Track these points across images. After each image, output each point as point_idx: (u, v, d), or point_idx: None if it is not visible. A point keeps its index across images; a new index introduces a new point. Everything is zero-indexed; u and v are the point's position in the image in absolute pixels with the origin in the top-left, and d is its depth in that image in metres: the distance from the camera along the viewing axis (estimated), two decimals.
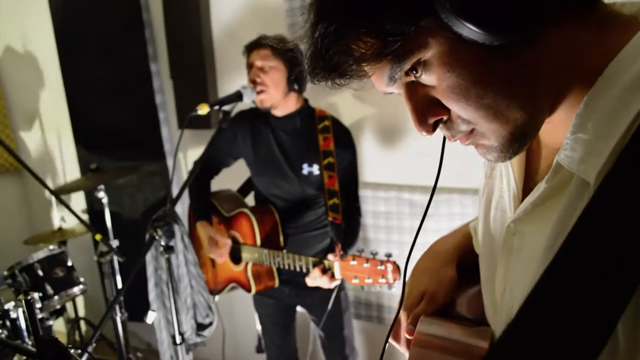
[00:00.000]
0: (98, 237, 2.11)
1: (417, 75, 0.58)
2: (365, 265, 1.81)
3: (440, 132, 0.64)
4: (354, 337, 2.41)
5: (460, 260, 0.92)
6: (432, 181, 0.77)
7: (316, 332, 2.36)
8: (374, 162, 2.56)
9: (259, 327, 2.47)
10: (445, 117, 0.60)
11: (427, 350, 0.76)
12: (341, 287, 2.24)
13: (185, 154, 3.18)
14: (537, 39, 0.54)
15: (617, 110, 0.50)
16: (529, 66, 0.55)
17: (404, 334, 0.86)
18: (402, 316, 0.89)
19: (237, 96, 1.90)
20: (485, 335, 0.75)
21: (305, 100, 2.18)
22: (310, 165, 2.09)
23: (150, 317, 1.83)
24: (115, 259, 2.48)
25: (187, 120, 1.75)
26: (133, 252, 2.20)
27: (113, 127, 3.32)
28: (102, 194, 2.73)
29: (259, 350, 2.50)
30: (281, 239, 2.18)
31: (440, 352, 0.75)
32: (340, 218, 2.07)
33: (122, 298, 2.65)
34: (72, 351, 0.95)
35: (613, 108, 0.51)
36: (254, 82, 2.02)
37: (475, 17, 0.51)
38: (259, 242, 2.14)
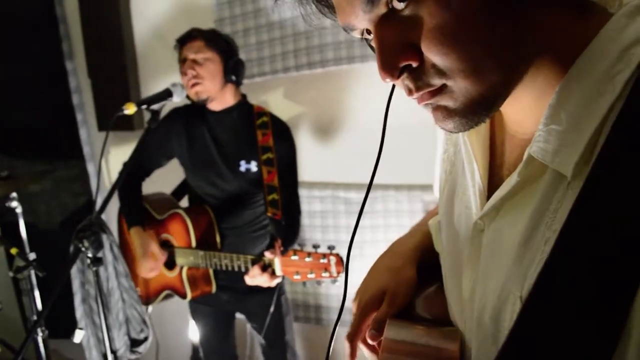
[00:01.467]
0: (13, 251, 1.93)
1: (403, 2, 0.51)
2: (307, 259, 1.76)
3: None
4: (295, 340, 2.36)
5: (419, 260, 0.89)
6: (367, 179, 0.71)
7: (256, 339, 2.29)
8: (308, 160, 2.52)
9: (192, 336, 2.36)
10: (415, 64, 0.53)
11: (397, 356, 0.74)
12: (281, 292, 2.18)
13: (106, 157, 3.01)
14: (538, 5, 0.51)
15: (591, 101, 0.49)
16: (523, 31, 0.52)
17: (368, 339, 0.82)
18: (358, 316, 0.85)
19: (167, 94, 1.80)
20: (454, 336, 0.74)
21: (244, 96, 2.11)
22: (248, 162, 2.03)
23: (78, 336, 1.69)
24: (34, 273, 2.28)
25: (113, 121, 1.63)
26: (52, 265, 2.03)
27: (26, 130, 3.10)
28: (15, 203, 2.51)
29: None
30: (218, 239, 2.10)
31: (411, 357, 0.74)
32: (280, 214, 2.02)
33: None
34: None
35: (586, 99, 0.50)
36: (185, 75, 1.93)
37: None
38: (194, 244, 2.05)
